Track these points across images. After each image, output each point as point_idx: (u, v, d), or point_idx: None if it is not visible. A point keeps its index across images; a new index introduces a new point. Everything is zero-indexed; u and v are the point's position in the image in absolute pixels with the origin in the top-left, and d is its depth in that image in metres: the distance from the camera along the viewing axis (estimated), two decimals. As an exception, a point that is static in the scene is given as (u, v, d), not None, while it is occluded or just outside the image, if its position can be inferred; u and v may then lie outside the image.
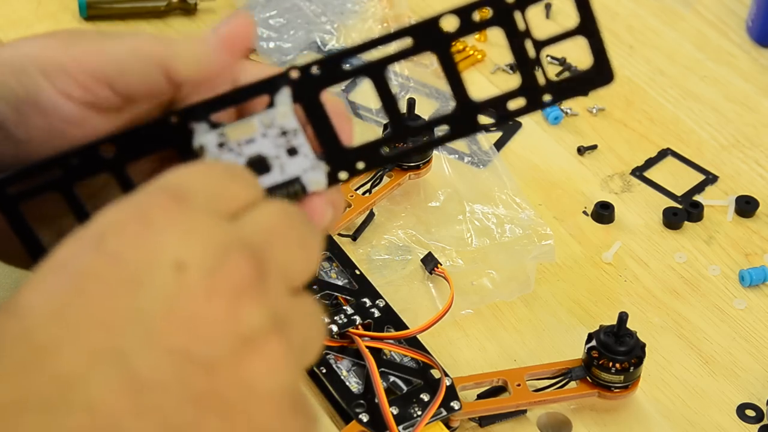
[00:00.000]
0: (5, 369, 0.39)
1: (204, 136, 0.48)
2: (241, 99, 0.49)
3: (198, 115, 0.48)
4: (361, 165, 0.50)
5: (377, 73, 0.49)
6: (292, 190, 0.49)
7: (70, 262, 0.41)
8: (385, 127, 0.84)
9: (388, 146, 0.50)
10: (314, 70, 0.48)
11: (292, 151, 0.48)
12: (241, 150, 0.48)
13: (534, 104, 0.50)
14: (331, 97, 0.49)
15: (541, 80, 0.50)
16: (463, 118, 0.49)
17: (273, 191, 0.48)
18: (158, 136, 0.48)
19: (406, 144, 0.50)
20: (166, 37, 0.49)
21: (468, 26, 0.49)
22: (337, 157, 0.49)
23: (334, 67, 0.49)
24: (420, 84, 0.95)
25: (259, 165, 0.48)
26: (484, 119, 0.49)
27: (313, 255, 0.46)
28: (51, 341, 0.39)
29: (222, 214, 0.43)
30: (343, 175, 0.50)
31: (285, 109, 0.48)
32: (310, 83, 0.48)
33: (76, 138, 0.49)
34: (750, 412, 0.75)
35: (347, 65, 0.49)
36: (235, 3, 1.00)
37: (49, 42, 0.49)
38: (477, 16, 0.50)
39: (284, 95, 0.48)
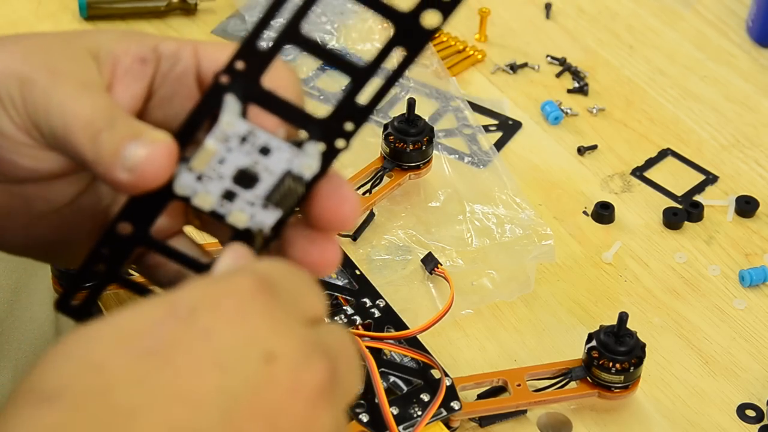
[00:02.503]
0: (82, 421, 0.38)
1: (181, 180, 0.47)
2: (191, 132, 0.47)
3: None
4: (349, 126, 0.47)
5: (295, 34, 0.47)
6: (292, 187, 0.47)
7: (157, 330, 0.40)
8: (385, 127, 0.84)
9: (358, 96, 0.48)
10: (239, 65, 0.46)
11: (264, 151, 0.47)
12: (220, 173, 0.47)
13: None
14: (276, 73, 0.47)
15: None
16: (407, 31, 0.46)
17: (275, 197, 0.47)
18: (154, 196, 0.47)
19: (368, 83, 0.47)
20: (105, 126, 0.46)
21: None
22: (319, 131, 0.47)
23: (255, 51, 0.46)
24: (420, 84, 0.95)
25: (245, 179, 0.47)
26: (430, 19, 0.46)
27: (361, 379, 0.46)
28: (132, 406, 0.39)
29: (304, 317, 0.43)
30: (340, 143, 0.47)
31: (228, 117, 0.46)
32: (244, 79, 0.46)
33: (27, 165, 0.48)
34: (750, 412, 0.75)
35: (264, 42, 0.46)
36: (235, 3, 1.00)
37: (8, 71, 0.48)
38: None
39: (230, 105, 0.46)
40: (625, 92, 0.97)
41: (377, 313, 0.75)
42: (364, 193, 0.83)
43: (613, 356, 0.71)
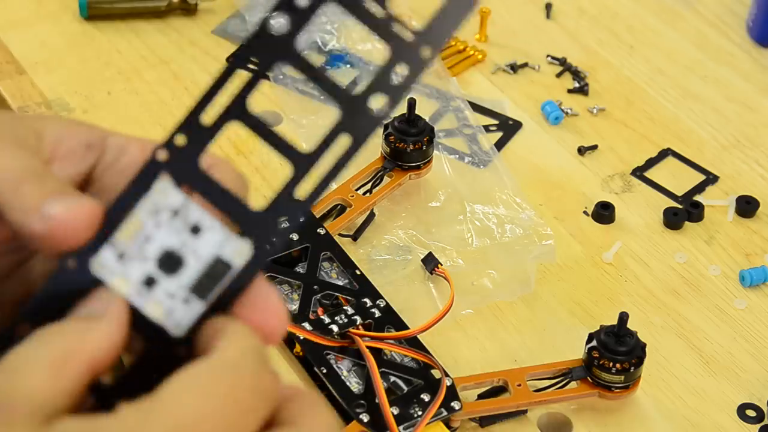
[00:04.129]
0: None
1: (101, 257, 0.43)
2: (120, 209, 0.43)
3: (91, 251, 0.43)
4: (284, 224, 0.43)
5: (241, 111, 0.43)
6: (220, 274, 0.43)
7: None
8: (386, 127, 0.84)
9: (298, 188, 0.43)
10: (179, 140, 0.43)
11: (195, 230, 0.43)
12: (144, 253, 0.43)
13: (417, 65, 0.43)
14: (215, 160, 0.44)
15: (407, 35, 0.43)
16: (354, 109, 0.43)
17: (201, 287, 0.43)
18: (66, 290, 0.43)
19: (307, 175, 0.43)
20: (29, 178, 0.44)
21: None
22: (253, 227, 0.43)
23: (197, 127, 0.43)
24: (420, 84, 0.95)
25: (170, 263, 0.43)
26: (377, 102, 0.43)
27: None
28: None
29: None
30: (271, 243, 0.43)
31: (162, 185, 0.43)
32: (183, 157, 0.43)
33: None
34: (750, 412, 0.75)
35: (215, 120, 0.43)
36: (236, 3, 1.00)
37: None
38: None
39: (163, 184, 0.43)
40: (625, 92, 0.97)
41: (377, 313, 0.75)
42: (364, 193, 0.83)
43: (614, 356, 0.71)
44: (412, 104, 0.83)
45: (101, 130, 0.48)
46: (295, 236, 0.78)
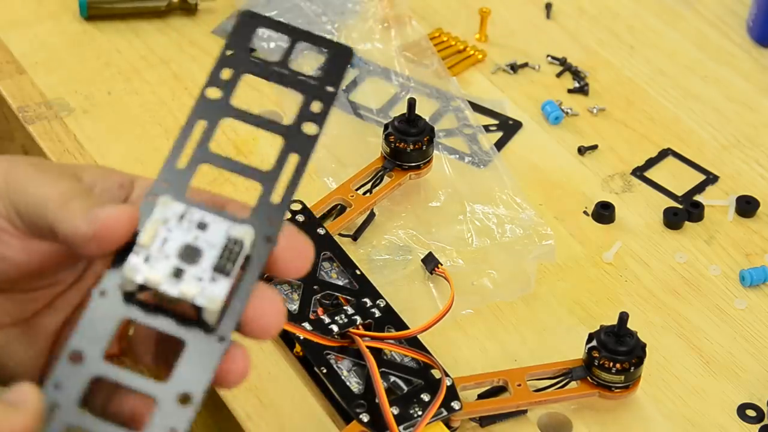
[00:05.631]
0: None
1: (131, 262, 0.51)
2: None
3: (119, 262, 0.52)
4: (270, 230, 0.52)
5: (206, 154, 0.54)
6: (235, 251, 0.51)
7: None
8: (386, 127, 0.84)
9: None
10: (163, 185, 0.53)
11: (202, 226, 0.52)
12: (166, 253, 0.51)
13: (327, 99, 0.55)
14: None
15: (312, 81, 0.55)
16: (293, 135, 0.54)
17: (220, 264, 0.51)
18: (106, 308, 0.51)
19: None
20: (76, 196, 0.52)
21: None
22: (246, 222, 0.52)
23: (174, 172, 0.53)
24: (420, 84, 0.95)
25: (190, 254, 0.51)
26: (309, 128, 0.54)
27: None
28: None
29: None
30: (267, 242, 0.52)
31: (163, 199, 0.52)
32: (177, 182, 0.53)
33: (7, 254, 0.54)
34: (750, 412, 0.75)
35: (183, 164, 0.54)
36: (235, 3, 1.00)
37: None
38: None
39: (164, 198, 0.52)
40: (625, 92, 0.97)
41: (377, 313, 0.75)
42: (364, 193, 0.83)
43: (614, 356, 0.71)
44: (412, 104, 0.83)
45: (131, 174, 0.56)
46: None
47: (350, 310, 0.74)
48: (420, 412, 0.69)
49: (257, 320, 0.51)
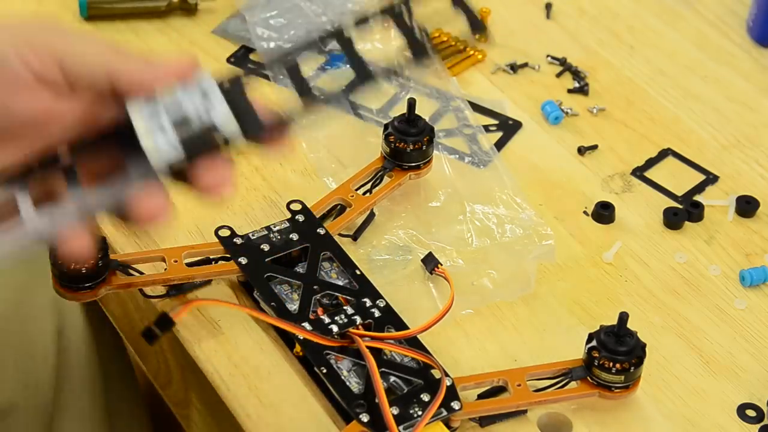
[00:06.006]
0: None
1: (138, 106, 0.59)
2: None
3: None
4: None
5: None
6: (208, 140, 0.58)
7: None
8: (386, 127, 0.84)
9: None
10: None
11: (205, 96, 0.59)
12: (168, 110, 0.59)
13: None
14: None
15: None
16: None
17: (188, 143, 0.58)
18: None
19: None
20: (124, 52, 0.61)
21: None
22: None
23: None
24: (420, 84, 0.95)
25: (181, 121, 0.59)
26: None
27: None
28: None
29: None
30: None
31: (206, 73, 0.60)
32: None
33: (27, 102, 0.59)
34: (750, 412, 0.75)
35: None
36: (235, 3, 1.00)
37: (28, 22, 0.61)
38: None
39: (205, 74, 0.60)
40: (625, 92, 0.97)
41: (377, 313, 0.74)
42: (364, 194, 0.83)
43: (614, 356, 0.71)
44: (412, 104, 0.83)
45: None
46: (295, 236, 0.78)
47: (350, 310, 0.74)
48: (420, 412, 0.69)
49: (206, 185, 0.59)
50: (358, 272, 0.77)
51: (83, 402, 0.91)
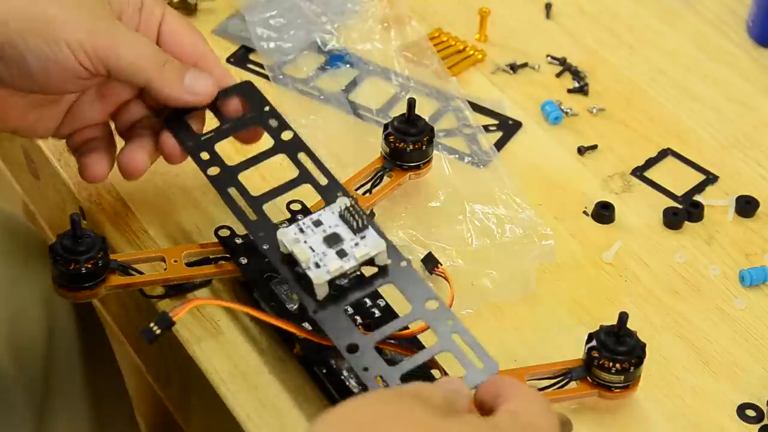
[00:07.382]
0: None
1: (285, 232, 0.70)
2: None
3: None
4: None
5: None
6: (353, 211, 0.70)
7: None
8: (386, 127, 0.84)
9: None
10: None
11: (317, 223, 0.71)
12: (319, 252, 0.69)
13: None
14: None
15: None
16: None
17: (360, 226, 0.70)
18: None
19: None
20: (163, 60, 0.73)
21: None
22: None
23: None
24: (420, 84, 0.95)
25: (332, 239, 0.70)
26: None
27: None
28: None
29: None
30: None
31: (280, 231, 0.71)
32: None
33: (69, 87, 0.73)
34: (750, 412, 0.75)
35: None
36: (235, 3, 1.00)
37: (80, 12, 0.71)
38: None
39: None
40: (625, 92, 0.97)
41: (377, 313, 0.74)
42: (364, 193, 0.83)
43: (614, 356, 0.71)
44: (412, 104, 0.83)
45: None
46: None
47: (350, 310, 0.74)
48: (420, 412, 0.69)
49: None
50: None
51: (73, 399, 0.91)
